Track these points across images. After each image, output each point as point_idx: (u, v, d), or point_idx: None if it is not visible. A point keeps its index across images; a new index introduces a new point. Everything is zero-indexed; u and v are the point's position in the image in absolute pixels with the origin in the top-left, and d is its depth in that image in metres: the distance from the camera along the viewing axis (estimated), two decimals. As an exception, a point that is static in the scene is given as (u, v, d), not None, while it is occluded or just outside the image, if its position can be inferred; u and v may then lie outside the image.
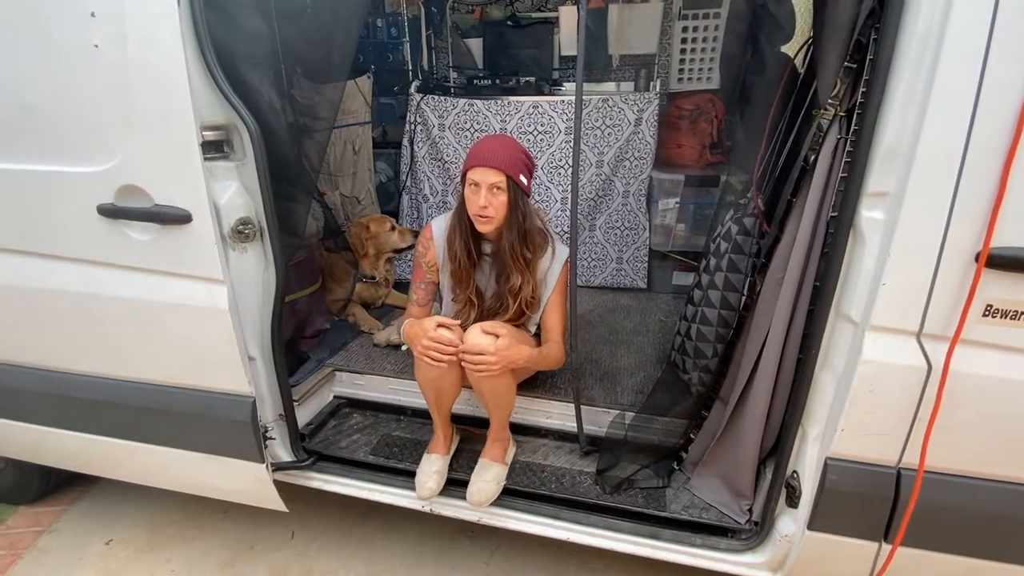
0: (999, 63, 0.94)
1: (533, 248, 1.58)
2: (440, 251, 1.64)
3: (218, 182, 1.37)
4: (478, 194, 1.46)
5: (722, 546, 1.46)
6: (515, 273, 1.56)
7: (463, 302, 1.65)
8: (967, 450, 1.18)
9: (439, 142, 2.82)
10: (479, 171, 1.45)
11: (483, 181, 1.45)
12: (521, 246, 1.54)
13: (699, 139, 2.73)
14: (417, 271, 1.69)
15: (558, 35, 3.03)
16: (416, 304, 1.71)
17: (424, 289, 1.69)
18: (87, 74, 1.30)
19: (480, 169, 1.45)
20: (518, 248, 1.54)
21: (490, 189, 1.46)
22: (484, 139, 1.53)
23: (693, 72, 2.84)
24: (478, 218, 1.50)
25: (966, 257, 1.04)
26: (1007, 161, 0.97)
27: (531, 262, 1.58)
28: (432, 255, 1.65)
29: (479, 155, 1.46)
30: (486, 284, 1.66)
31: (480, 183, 1.46)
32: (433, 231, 1.65)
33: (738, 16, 2.08)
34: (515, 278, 1.56)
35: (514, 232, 1.53)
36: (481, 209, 1.47)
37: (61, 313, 1.55)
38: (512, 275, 1.56)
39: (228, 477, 1.64)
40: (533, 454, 1.77)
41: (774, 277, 1.34)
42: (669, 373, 1.88)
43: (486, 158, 1.45)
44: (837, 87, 1.15)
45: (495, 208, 1.47)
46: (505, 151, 1.47)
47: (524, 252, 1.55)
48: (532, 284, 1.58)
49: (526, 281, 1.57)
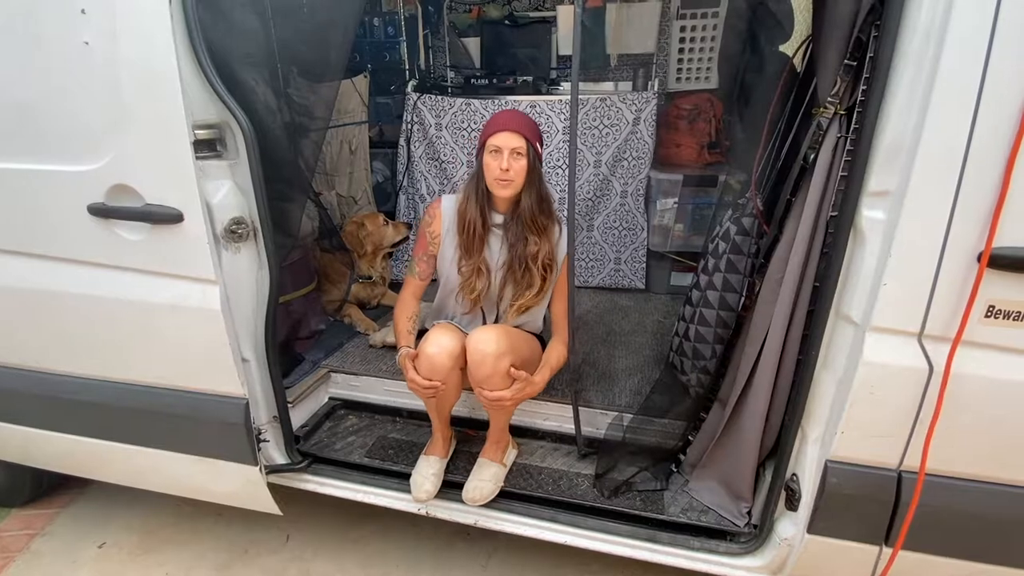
0: (1002, 60, 0.93)
1: (549, 212, 1.61)
2: (446, 223, 1.64)
3: (211, 181, 1.35)
4: (499, 158, 1.49)
5: (721, 549, 1.45)
6: (532, 236, 1.57)
7: (471, 271, 1.63)
8: (969, 453, 1.17)
9: (436, 142, 2.80)
10: (501, 136, 1.49)
11: (505, 145, 1.48)
12: (538, 210, 1.57)
13: (697, 139, 2.72)
14: (420, 241, 1.69)
15: (556, 34, 3.02)
16: (418, 277, 1.70)
17: (426, 262, 1.69)
18: (77, 71, 1.28)
19: (502, 134, 1.49)
20: (536, 211, 1.56)
21: (512, 153, 1.49)
22: (499, 112, 1.57)
23: (691, 72, 2.83)
24: (499, 182, 1.51)
25: (968, 257, 1.03)
26: (1010, 160, 0.96)
27: (547, 228, 1.60)
28: (437, 224, 1.65)
29: (500, 122, 1.50)
30: (494, 261, 1.65)
31: (502, 147, 1.48)
32: (443, 204, 1.66)
33: (737, 15, 2.07)
34: (533, 241, 1.58)
35: (532, 196, 1.55)
36: (503, 172, 1.49)
37: (51, 314, 1.54)
38: (530, 239, 1.58)
39: (221, 480, 1.63)
40: (531, 456, 1.75)
41: (773, 277, 1.33)
42: (667, 374, 1.87)
43: (508, 124, 1.49)
44: (837, 85, 1.14)
45: (516, 171, 1.50)
46: (524, 118, 1.53)
47: (541, 217, 1.58)
48: (549, 248, 1.60)
49: (542, 244, 1.59)
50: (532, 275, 1.59)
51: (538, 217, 1.57)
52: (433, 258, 1.69)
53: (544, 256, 1.59)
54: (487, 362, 1.45)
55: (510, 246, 1.60)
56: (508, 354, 1.47)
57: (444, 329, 1.54)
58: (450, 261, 1.65)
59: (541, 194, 1.58)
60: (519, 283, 1.61)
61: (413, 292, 1.70)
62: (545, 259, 1.59)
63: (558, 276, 1.63)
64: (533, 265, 1.58)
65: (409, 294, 1.69)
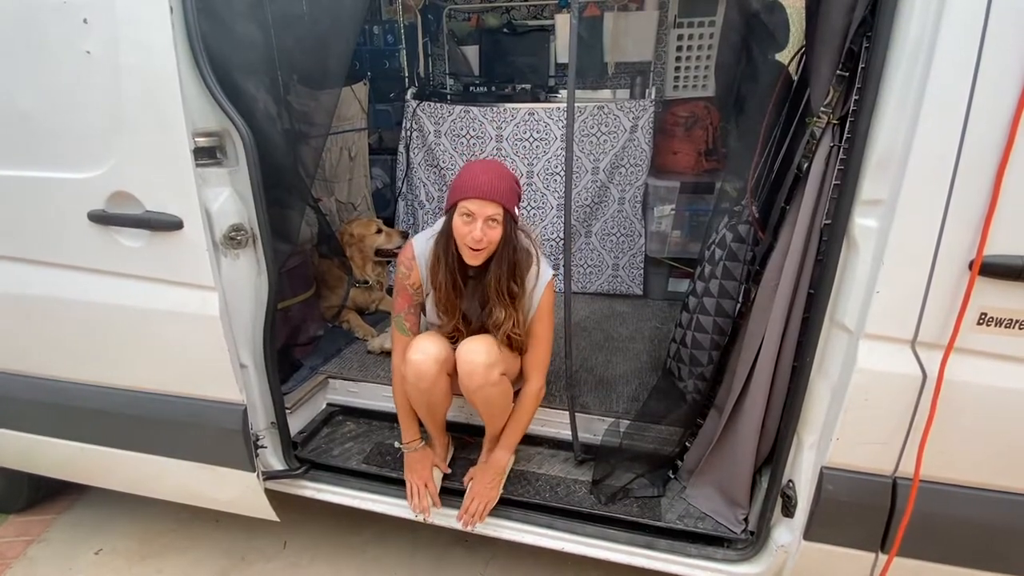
0: (991, 70, 0.94)
1: (520, 281, 1.48)
2: (424, 272, 1.54)
3: (210, 188, 1.36)
4: (472, 225, 1.37)
5: (718, 556, 1.45)
6: (498, 308, 1.47)
7: (451, 328, 1.58)
8: (963, 459, 1.17)
9: (435, 149, 2.82)
10: (475, 202, 1.35)
11: (479, 213, 1.36)
12: (508, 280, 1.46)
13: (694, 146, 2.74)
14: (402, 295, 1.57)
15: (554, 42, 3.05)
16: (409, 334, 1.58)
17: (414, 315, 1.59)
18: (79, 80, 1.29)
19: (478, 201, 1.35)
20: (504, 283, 1.45)
21: (486, 222, 1.37)
22: (475, 166, 1.42)
23: (688, 80, 2.85)
24: (470, 251, 1.40)
25: (960, 265, 1.04)
26: (1000, 168, 0.97)
27: (517, 297, 1.49)
28: (416, 276, 1.54)
29: (474, 185, 1.36)
30: (471, 307, 1.58)
31: (476, 215, 1.36)
32: (415, 251, 1.54)
33: (732, 25, 2.09)
34: (498, 312, 1.48)
35: (503, 266, 1.44)
36: (476, 242, 1.38)
37: (51, 320, 1.54)
38: (496, 309, 1.48)
39: (218, 486, 1.63)
40: (528, 463, 1.75)
41: (768, 284, 1.34)
42: (664, 380, 1.87)
43: (484, 190, 1.35)
44: (830, 95, 1.15)
45: (489, 240, 1.38)
46: (501, 181, 1.38)
47: (511, 286, 1.47)
48: (515, 319, 1.49)
49: (508, 316, 1.48)
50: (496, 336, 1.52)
51: (507, 288, 1.46)
52: (419, 306, 1.60)
53: (507, 328, 1.48)
54: (478, 372, 1.44)
55: (480, 304, 1.53)
56: (499, 363, 1.47)
57: (430, 336, 1.53)
58: (430, 304, 1.60)
59: (513, 262, 1.45)
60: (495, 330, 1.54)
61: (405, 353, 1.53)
62: (508, 331, 1.48)
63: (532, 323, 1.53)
64: (494, 333, 1.50)
65: (402, 361, 1.53)
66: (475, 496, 1.55)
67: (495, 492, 1.57)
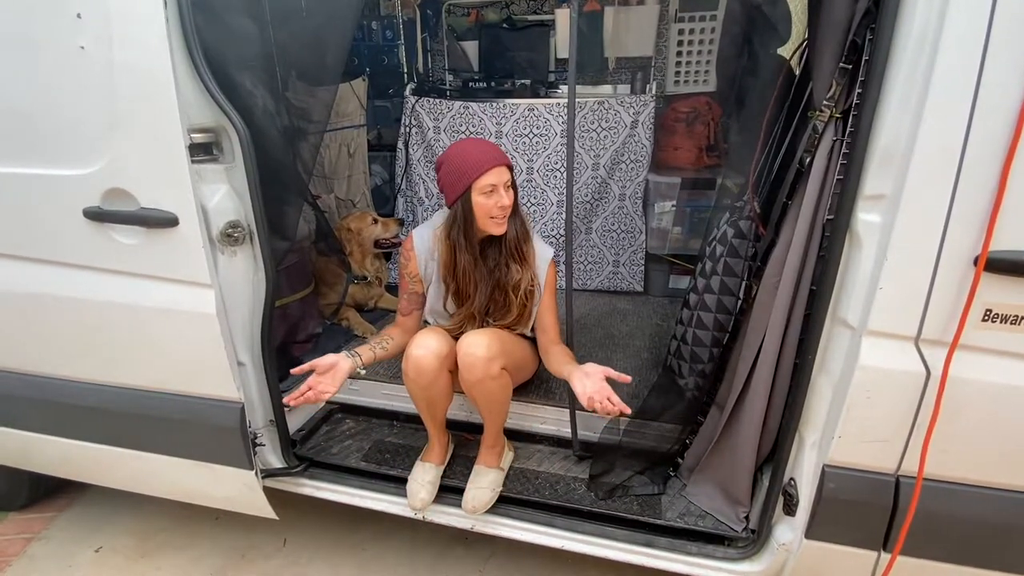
0: (997, 63, 0.93)
1: (528, 239, 1.58)
2: (422, 263, 1.61)
3: (206, 185, 1.35)
4: (496, 195, 1.44)
5: (718, 555, 1.44)
6: (514, 264, 1.55)
7: (463, 318, 1.62)
8: (967, 457, 1.16)
9: (434, 145, 2.80)
10: (494, 172, 1.43)
11: (500, 181, 1.44)
12: (522, 237, 1.55)
13: (695, 142, 2.72)
14: (402, 281, 1.68)
15: (554, 38, 3.02)
16: (400, 314, 1.69)
17: (408, 300, 1.67)
18: (73, 76, 1.28)
19: (493, 171, 1.43)
20: (521, 239, 1.54)
21: (506, 187, 1.46)
22: (464, 146, 1.48)
23: (689, 75, 2.83)
24: (497, 221, 1.47)
25: (964, 261, 1.02)
26: (1006, 163, 0.96)
27: (527, 254, 1.57)
28: (414, 266, 1.62)
29: (483, 160, 1.43)
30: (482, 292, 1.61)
31: (497, 184, 1.44)
32: (414, 241, 1.61)
33: (733, 19, 2.07)
34: (515, 270, 1.55)
35: (517, 223, 1.53)
36: (503, 209, 1.45)
37: (46, 318, 1.53)
38: (512, 266, 1.55)
39: (217, 484, 1.62)
40: (527, 460, 1.74)
41: (770, 281, 1.33)
42: (665, 378, 1.86)
43: (494, 158, 1.44)
44: (833, 89, 1.13)
45: (511, 202, 1.47)
46: (492, 147, 1.49)
47: (522, 244, 1.56)
48: (530, 273, 1.58)
49: (525, 274, 1.57)
50: (511, 303, 1.58)
51: (522, 245, 1.55)
52: (416, 295, 1.66)
53: (527, 284, 1.57)
54: (478, 366, 1.44)
55: (489, 272, 1.57)
56: (499, 357, 1.46)
57: (432, 331, 1.54)
58: (434, 297, 1.65)
59: (521, 217, 1.56)
60: (499, 309, 1.60)
61: (402, 327, 1.67)
62: (528, 287, 1.57)
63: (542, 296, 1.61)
64: (514, 294, 1.56)
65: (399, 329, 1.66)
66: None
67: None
